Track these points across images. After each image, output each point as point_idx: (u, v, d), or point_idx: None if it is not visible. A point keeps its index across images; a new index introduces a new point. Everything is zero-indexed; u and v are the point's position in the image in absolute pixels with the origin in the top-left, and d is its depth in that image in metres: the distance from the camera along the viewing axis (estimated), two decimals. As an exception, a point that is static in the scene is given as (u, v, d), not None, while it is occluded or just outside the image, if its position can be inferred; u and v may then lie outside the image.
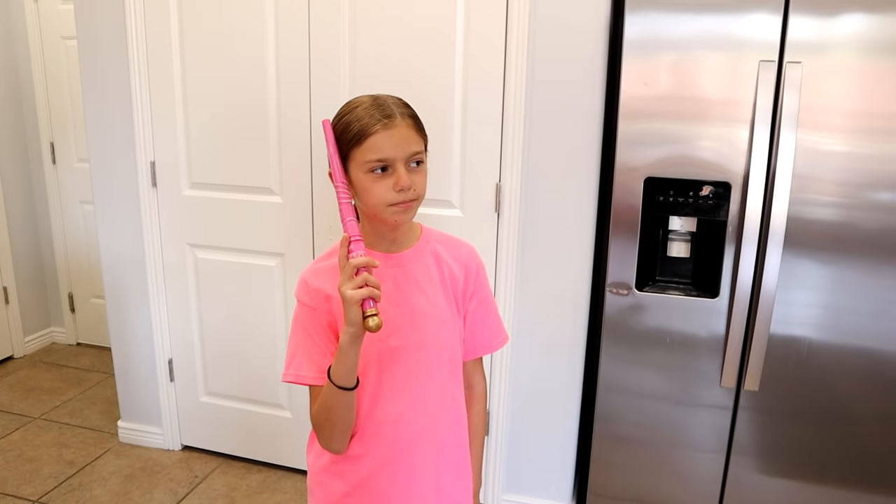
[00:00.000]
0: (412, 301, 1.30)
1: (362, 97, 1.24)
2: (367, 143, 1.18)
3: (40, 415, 3.20)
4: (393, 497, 1.33)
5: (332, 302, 1.26)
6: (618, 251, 2.09)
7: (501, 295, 2.29)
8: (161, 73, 2.48)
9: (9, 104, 3.65)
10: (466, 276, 1.38)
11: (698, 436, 2.18)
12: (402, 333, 1.29)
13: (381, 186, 1.20)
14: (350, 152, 1.20)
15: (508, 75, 2.14)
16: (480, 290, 1.41)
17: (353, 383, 1.20)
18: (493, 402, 2.41)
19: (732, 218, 1.98)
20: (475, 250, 1.43)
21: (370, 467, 1.32)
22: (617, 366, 2.18)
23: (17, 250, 3.75)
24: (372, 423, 1.30)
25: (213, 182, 2.53)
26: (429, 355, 1.32)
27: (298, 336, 1.30)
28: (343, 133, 1.20)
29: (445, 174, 2.25)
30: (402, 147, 1.20)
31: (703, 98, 1.94)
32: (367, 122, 1.18)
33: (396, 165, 1.20)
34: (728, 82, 1.92)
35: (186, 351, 2.76)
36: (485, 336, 1.44)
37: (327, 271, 1.28)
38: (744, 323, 2.02)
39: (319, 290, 1.28)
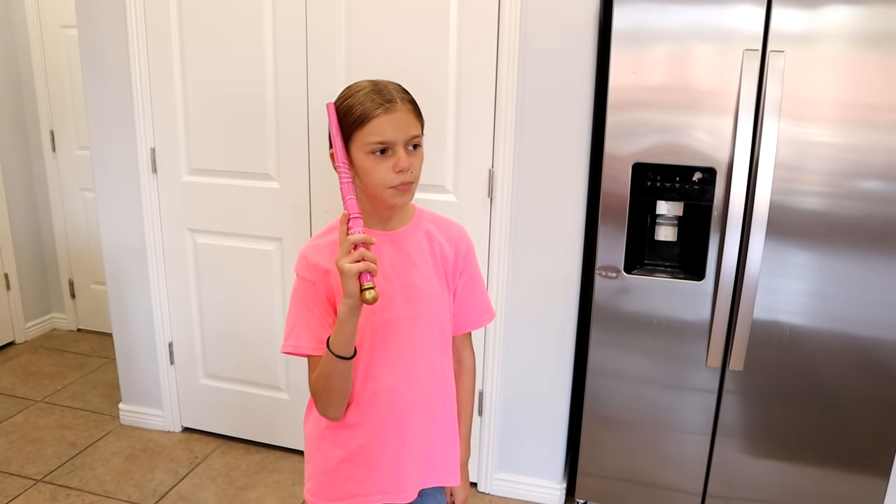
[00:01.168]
0: (406, 276, 1.36)
1: (363, 82, 1.29)
2: (369, 125, 1.24)
3: (42, 398, 3.25)
4: (386, 463, 1.40)
5: (330, 276, 1.32)
6: (607, 235, 2.15)
7: (494, 278, 2.35)
8: (161, 59, 2.53)
9: (9, 92, 3.69)
10: (457, 254, 1.44)
11: (685, 417, 2.24)
12: (395, 307, 1.35)
13: (382, 168, 1.26)
14: (352, 134, 1.25)
15: (501, 64, 2.19)
16: (469, 268, 1.48)
17: (351, 353, 1.26)
18: (486, 383, 2.48)
19: (718, 203, 2.04)
20: (465, 230, 1.49)
21: (365, 435, 1.38)
22: (606, 348, 2.24)
23: (17, 237, 3.80)
24: (367, 392, 1.37)
25: (213, 168, 2.58)
26: (421, 329, 1.38)
27: (297, 309, 1.35)
28: (346, 115, 1.26)
29: (440, 160, 2.30)
30: (402, 130, 1.26)
31: (689, 87, 1.99)
32: (369, 105, 1.24)
33: (396, 148, 1.26)
34: (714, 72, 1.97)
35: (186, 334, 2.82)
36: (473, 312, 1.51)
37: (325, 247, 1.34)
38: (728, 304, 2.08)
39: (318, 265, 1.33)
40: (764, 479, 2.23)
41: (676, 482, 2.30)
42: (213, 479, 2.64)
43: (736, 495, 2.26)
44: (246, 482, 2.63)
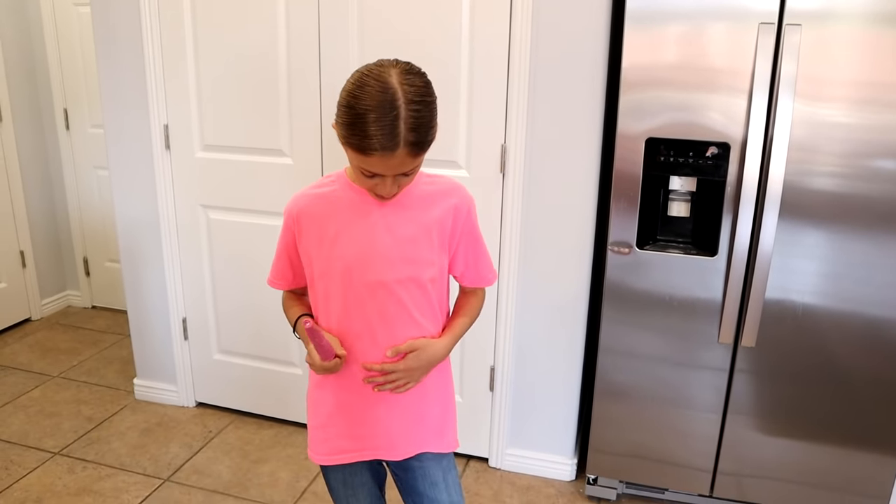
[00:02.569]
0: (390, 237, 1.37)
1: (378, 89, 1.18)
2: (364, 157, 1.22)
3: (59, 373, 3.29)
4: (373, 420, 1.44)
5: (300, 222, 1.41)
6: (619, 211, 2.14)
7: (506, 254, 2.36)
8: (173, 36, 2.54)
9: (22, 71, 3.71)
10: (456, 217, 1.42)
11: (696, 394, 2.24)
12: (380, 269, 1.36)
13: (367, 182, 1.29)
14: (346, 145, 1.24)
15: (513, 39, 2.18)
16: (469, 231, 1.46)
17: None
18: (497, 359, 2.49)
19: (731, 179, 2.03)
20: (464, 190, 1.46)
21: (350, 392, 1.43)
22: (617, 324, 2.24)
23: (33, 215, 3.83)
24: (349, 351, 1.40)
25: (226, 144, 2.59)
26: (406, 292, 1.39)
27: (277, 247, 1.50)
28: (347, 126, 1.21)
29: (452, 136, 2.30)
30: (395, 170, 1.25)
31: (704, 64, 1.97)
32: (369, 143, 1.19)
33: (385, 179, 1.27)
34: (729, 48, 1.95)
35: (200, 310, 2.84)
36: (474, 271, 1.51)
37: (307, 196, 1.42)
38: (741, 279, 2.07)
39: (291, 212, 1.42)
40: (774, 457, 2.23)
41: (687, 459, 2.31)
42: (227, 453, 2.67)
43: (746, 472, 2.27)
44: (259, 456, 2.66)
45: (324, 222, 1.38)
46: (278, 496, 2.44)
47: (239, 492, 2.45)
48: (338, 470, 1.52)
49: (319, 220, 1.38)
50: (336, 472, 1.52)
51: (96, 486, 2.47)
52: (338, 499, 1.56)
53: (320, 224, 1.38)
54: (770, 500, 2.28)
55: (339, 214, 1.37)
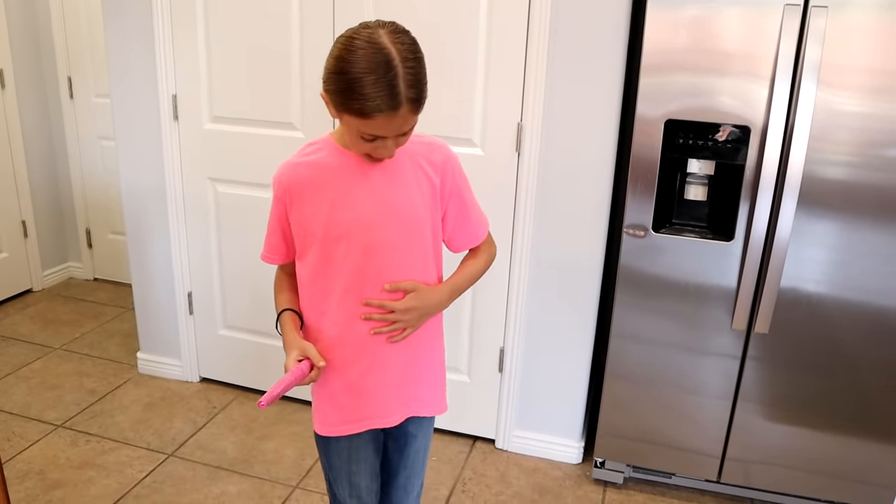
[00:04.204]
0: (387, 198, 1.36)
1: (371, 50, 1.17)
2: (366, 121, 1.21)
3: (60, 345, 3.27)
4: (370, 388, 1.44)
5: (291, 192, 1.38)
6: (635, 193, 2.11)
7: (519, 234, 2.33)
8: (183, 2, 2.48)
9: (26, 38, 3.64)
10: (443, 177, 1.42)
11: (707, 380, 2.22)
12: (375, 231, 1.36)
13: (366, 146, 1.27)
14: (346, 113, 1.22)
15: (532, 15, 2.13)
16: (458, 189, 1.46)
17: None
18: (507, 340, 2.47)
19: (750, 163, 2.00)
20: (449, 149, 1.45)
21: (345, 358, 1.42)
22: (631, 307, 2.22)
23: (35, 185, 3.79)
24: (343, 313, 1.39)
25: (235, 116, 2.55)
26: (402, 251, 1.38)
27: (269, 220, 1.47)
28: (344, 92, 1.19)
29: (467, 113, 2.26)
30: (396, 130, 1.24)
31: (726, 47, 1.94)
32: (371, 105, 1.17)
33: (386, 141, 1.26)
34: (752, 32, 1.91)
35: (205, 284, 2.81)
36: (468, 228, 1.50)
37: (296, 165, 1.39)
38: (757, 265, 2.05)
39: (281, 182, 1.39)
40: (783, 445, 2.22)
41: (696, 444, 2.30)
42: (232, 429, 2.65)
43: (755, 459, 2.26)
44: (264, 432, 2.64)
45: (317, 190, 1.36)
46: (283, 473, 2.42)
47: (244, 468, 2.44)
48: (343, 445, 1.50)
49: (312, 188, 1.36)
50: (341, 447, 1.51)
51: (99, 459, 2.45)
52: (338, 476, 1.54)
53: (314, 192, 1.36)
54: (777, 487, 2.27)
55: (332, 180, 1.35)
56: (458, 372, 2.54)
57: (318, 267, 1.40)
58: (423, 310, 1.40)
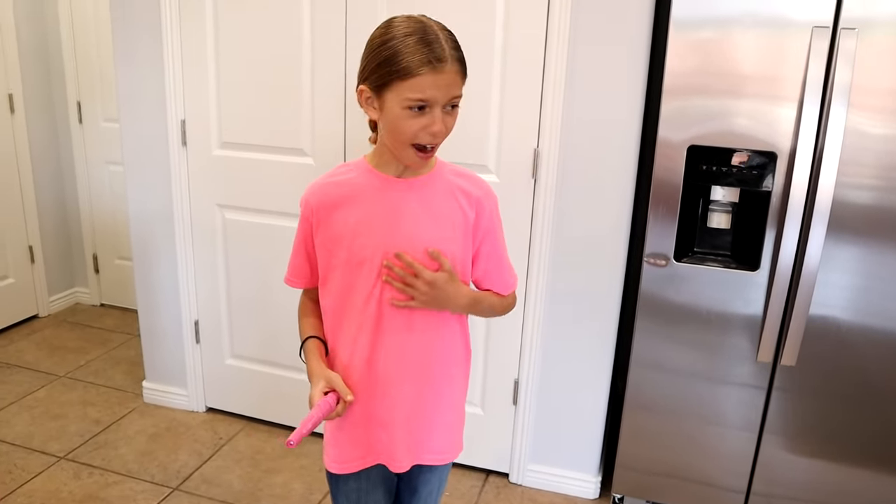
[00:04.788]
0: (414, 227, 1.29)
1: (408, 21, 1.18)
2: (413, 81, 1.15)
3: (65, 373, 3.21)
4: (377, 427, 1.37)
5: (318, 212, 1.32)
6: (657, 221, 2.05)
7: (535, 262, 2.26)
8: (193, 28, 2.45)
9: (36, 63, 3.62)
10: (478, 215, 1.34)
11: (731, 412, 2.14)
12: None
13: (414, 124, 1.19)
14: (391, 82, 1.17)
15: (550, 40, 2.08)
16: (493, 231, 1.38)
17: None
18: (522, 371, 2.39)
19: (777, 189, 1.94)
20: (490, 187, 1.38)
21: (355, 390, 1.34)
22: (651, 337, 2.15)
23: (42, 210, 3.75)
24: (359, 349, 1.33)
25: (244, 142, 2.50)
26: None
27: (294, 242, 1.41)
28: (387, 60, 1.16)
29: (482, 138, 2.20)
30: (445, 91, 1.18)
31: (751, 71, 1.88)
32: (417, 59, 1.14)
33: (435, 108, 1.19)
34: (779, 54, 1.86)
35: (213, 313, 2.75)
36: (493, 278, 1.42)
37: (325, 185, 1.34)
38: (784, 297, 1.97)
39: (308, 202, 1.34)
40: (811, 479, 2.13)
41: (719, 478, 2.21)
42: (238, 462, 2.58)
43: (781, 494, 2.17)
44: (271, 466, 2.57)
45: (345, 211, 1.30)
46: (291, 509, 2.35)
47: (250, 503, 2.36)
48: (352, 487, 1.43)
49: (340, 209, 1.30)
50: (350, 489, 1.44)
51: (102, 493, 2.38)
52: None
53: (341, 213, 1.30)
54: (806, 526, 2.18)
55: (360, 202, 1.29)
56: (471, 404, 2.46)
57: (340, 294, 1.33)
58: (442, 293, 1.30)
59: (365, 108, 1.23)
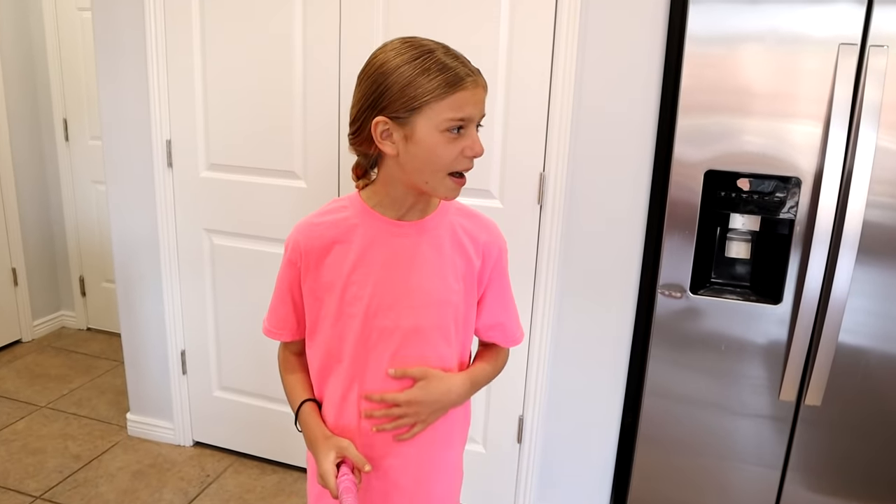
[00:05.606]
0: (414, 277, 1.15)
1: (414, 41, 1.06)
2: (454, 98, 1.02)
3: (46, 403, 3.06)
4: (374, 488, 1.23)
5: (308, 256, 1.17)
6: (672, 250, 1.92)
7: (541, 291, 2.12)
8: (179, 44, 2.32)
9: (22, 78, 3.50)
10: (484, 261, 1.21)
11: (752, 448, 2.01)
12: (396, 313, 1.15)
13: (453, 149, 1.06)
14: (423, 105, 1.02)
15: (556, 60, 1.95)
16: (498, 280, 1.25)
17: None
18: (527, 407, 2.25)
19: (801, 217, 1.81)
20: (498, 231, 1.26)
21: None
22: (666, 370, 2.02)
23: (27, 231, 3.61)
24: (347, 409, 1.19)
25: (233, 164, 2.36)
26: (424, 340, 1.17)
27: (276, 288, 1.26)
28: (414, 82, 1.01)
29: (485, 161, 2.07)
30: (480, 107, 1.07)
31: (773, 89, 1.76)
32: (456, 72, 1.02)
33: (470, 127, 1.06)
34: (803, 72, 1.74)
35: (200, 343, 2.61)
36: (499, 330, 1.29)
37: (315, 226, 1.18)
38: (809, 332, 1.84)
39: (297, 244, 1.18)
40: (835, 522, 2.00)
41: (739, 522, 2.07)
42: (227, 502, 2.42)
43: (806, 538, 2.03)
44: (261, 506, 2.42)
45: (338, 256, 1.15)
46: (281, 555, 2.20)
47: (237, 549, 2.22)
48: None
49: (332, 253, 1.16)
50: None
51: (80, 537, 2.23)
52: None
53: (334, 258, 1.15)
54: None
55: (356, 247, 1.15)
56: (472, 442, 2.32)
57: (328, 349, 1.19)
58: (434, 403, 1.18)
59: (379, 143, 1.06)
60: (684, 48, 1.80)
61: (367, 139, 1.08)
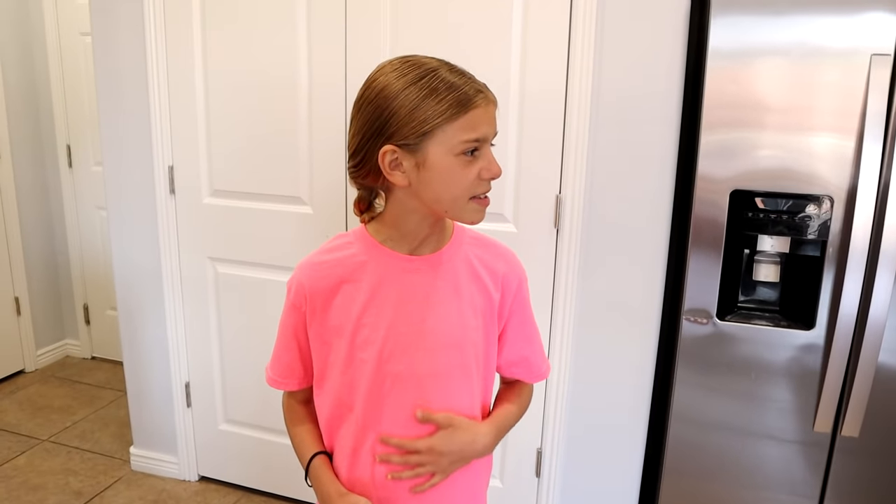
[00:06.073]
0: (430, 317, 1.06)
1: (414, 60, 0.98)
2: (469, 116, 0.94)
3: (49, 436, 2.97)
4: None
5: (313, 299, 1.08)
6: (697, 274, 1.82)
7: (559, 320, 2.03)
8: (181, 68, 2.25)
9: (25, 104, 3.45)
10: (504, 294, 1.12)
11: (785, 478, 1.90)
12: (410, 356, 1.06)
13: (471, 172, 0.98)
14: (434, 128, 0.94)
15: (572, 75, 1.87)
16: (520, 312, 1.16)
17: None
18: (545, 440, 2.15)
19: (833, 237, 1.71)
20: (517, 261, 1.17)
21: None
22: (692, 399, 1.91)
23: (30, 258, 3.54)
24: (360, 461, 1.09)
25: (237, 190, 2.29)
26: (443, 385, 1.08)
27: (279, 334, 1.17)
28: (425, 105, 0.93)
29: (498, 184, 1.97)
30: (493, 125, 0.99)
31: (801, 103, 1.67)
32: (466, 90, 0.94)
33: (484, 147, 0.98)
34: (832, 85, 1.64)
35: (205, 374, 2.52)
36: (523, 365, 1.19)
37: (320, 265, 1.09)
38: (844, 359, 1.73)
39: (301, 286, 1.09)
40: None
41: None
42: (232, 541, 2.33)
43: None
44: (269, 545, 2.32)
45: (346, 297, 1.06)
46: None
47: (244, 592, 2.11)
48: None
49: (340, 294, 1.06)
50: None
51: (80, 581, 2.14)
52: None
53: (342, 299, 1.06)
54: None
55: (366, 286, 1.06)
56: (489, 475, 2.22)
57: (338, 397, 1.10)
58: (455, 454, 1.08)
59: (388, 174, 0.98)
60: (706, 62, 1.71)
61: (372, 171, 0.99)
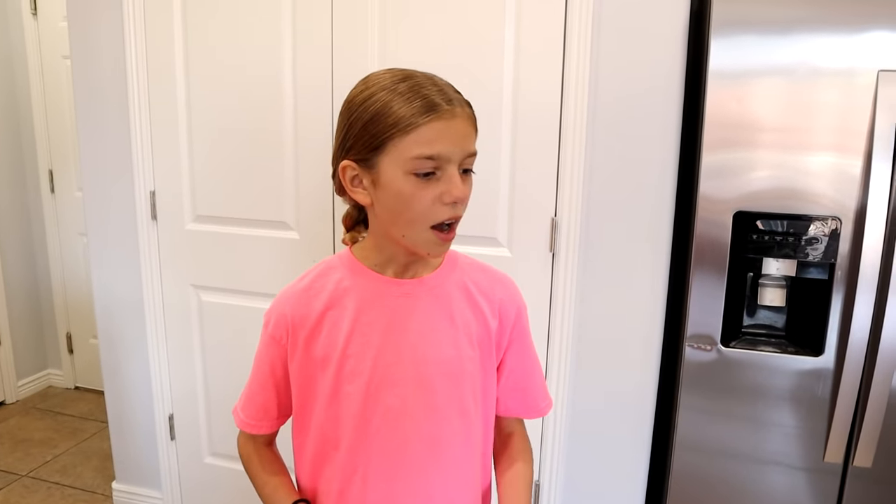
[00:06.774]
0: (421, 345, 0.98)
1: (395, 71, 0.91)
2: (420, 132, 0.85)
3: (28, 472, 2.86)
4: None
5: (296, 332, 1.00)
6: (700, 299, 1.75)
7: (556, 347, 1.95)
8: (163, 91, 2.18)
9: (6, 128, 3.37)
10: (502, 322, 1.05)
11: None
12: (401, 391, 0.97)
13: (426, 195, 0.88)
14: (386, 141, 0.86)
15: (567, 92, 1.81)
16: (519, 342, 1.08)
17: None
18: (543, 473, 2.06)
19: (842, 260, 1.64)
20: (515, 288, 1.09)
21: None
22: (696, 429, 1.83)
23: (11, 286, 3.45)
24: (348, 501, 1.01)
25: (221, 215, 2.21)
26: (437, 421, 0.99)
27: (253, 369, 1.08)
28: (378, 115, 0.86)
29: (491, 207, 1.91)
30: (459, 144, 0.88)
31: (806, 122, 1.61)
32: (419, 104, 0.85)
33: (448, 169, 0.88)
34: (838, 102, 1.58)
35: (189, 406, 2.43)
36: (522, 398, 1.11)
37: (301, 295, 1.01)
38: (856, 386, 1.66)
39: (282, 317, 1.01)
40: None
41: None
42: (218, 582, 2.23)
43: None
44: (256, 586, 2.21)
45: (331, 327, 0.98)
46: None
47: None
48: None
49: (324, 324, 0.98)
50: None
51: None
52: None
53: (327, 329, 0.98)
54: None
55: (351, 314, 0.98)
56: (486, 510, 2.13)
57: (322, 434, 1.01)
58: None
59: (351, 192, 0.92)
60: (706, 82, 1.65)
61: (341, 186, 0.94)
